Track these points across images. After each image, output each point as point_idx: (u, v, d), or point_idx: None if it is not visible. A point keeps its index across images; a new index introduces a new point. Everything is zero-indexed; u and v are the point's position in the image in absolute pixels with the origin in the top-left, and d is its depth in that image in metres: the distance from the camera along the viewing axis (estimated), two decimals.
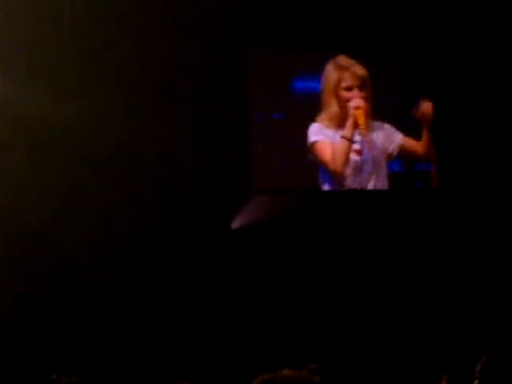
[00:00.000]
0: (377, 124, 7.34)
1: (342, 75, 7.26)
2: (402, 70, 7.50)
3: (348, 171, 7.23)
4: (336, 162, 7.18)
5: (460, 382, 4.11)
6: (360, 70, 7.26)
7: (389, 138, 7.35)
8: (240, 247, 7.07)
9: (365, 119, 7.17)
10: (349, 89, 7.23)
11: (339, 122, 7.21)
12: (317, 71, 7.32)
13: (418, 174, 7.50)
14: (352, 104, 7.18)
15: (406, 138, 7.37)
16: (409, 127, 7.40)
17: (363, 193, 7.30)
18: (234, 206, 7.09)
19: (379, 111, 7.34)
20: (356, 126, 7.15)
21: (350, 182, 7.26)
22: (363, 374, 6.65)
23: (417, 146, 7.37)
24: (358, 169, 7.27)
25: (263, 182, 7.29)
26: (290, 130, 7.30)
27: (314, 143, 7.21)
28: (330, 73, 7.28)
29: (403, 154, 7.38)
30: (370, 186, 7.31)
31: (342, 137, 7.16)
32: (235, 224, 7.09)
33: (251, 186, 7.22)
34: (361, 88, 7.23)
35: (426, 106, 7.36)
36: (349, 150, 7.19)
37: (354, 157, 7.25)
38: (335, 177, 7.22)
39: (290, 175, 7.33)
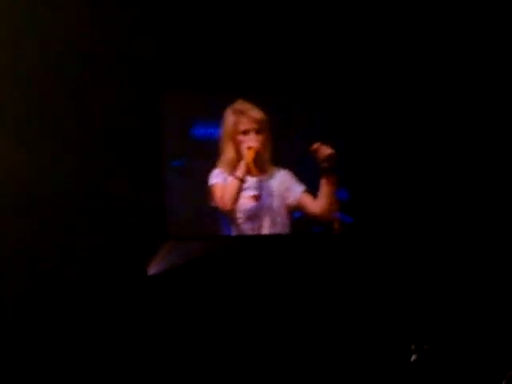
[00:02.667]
0: (279, 172, 7.41)
1: (238, 119, 7.34)
2: (303, 116, 7.57)
3: (244, 217, 7.29)
4: (224, 199, 7.23)
5: None
6: (257, 114, 7.35)
7: (290, 188, 7.41)
8: (155, 292, 7.07)
9: (255, 160, 7.25)
10: (245, 132, 7.32)
11: (236, 167, 7.28)
12: (218, 117, 7.36)
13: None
14: (245, 145, 7.29)
15: (305, 195, 7.41)
16: (310, 175, 7.44)
17: (268, 238, 7.33)
18: (149, 252, 7.09)
19: (281, 158, 7.42)
20: (248, 166, 7.24)
21: (247, 228, 7.31)
22: None
23: (313, 205, 7.40)
24: (255, 215, 7.33)
25: (175, 228, 7.27)
26: (192, 176, 7.30)
27: (211, 186, 7.26)
28: (228, 118, 7.35)
29: (300, 210, 7.43)
30: (266, 232, 7.35)
31: (235, 177, 7.23)
32: (151, 270, 7.10)
33: (165, 233, 7.19)
34: (257, 132, 7.33)
35: (323, 149, 7.40)
36: (238, 189, 7.24)
37: (250, 203, 7.31)
38: (227, 218, 7.25)
39: (195, 221, 7.29)
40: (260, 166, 7.35)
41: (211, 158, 7.32)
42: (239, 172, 7.26)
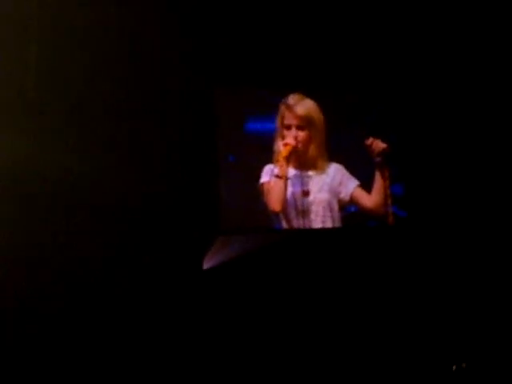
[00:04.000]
0: (332, 167, 7.42)
1: (284, 114, 7.35)
2: (357, 110, 7.56)
3: (294, 212, 7.32)
4: (271, 201, 7.23)
5: None
6: (301, 110, 7.33)
7: (343, 183, 7.40)
8: (210, 285, 7.17)
9: (289, 157, 7.21)
10: (288, 128, 7.32)
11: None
12: (272, 111, 7.38)
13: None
14: (283, 141, 7.29)
15: (359, 190, 7.39)
16: (364, 170, 7.43)
17: (320, 232, 7.34)
18: (202, 247, 7.19)
19: (335, 153, 7.41)
20: (281, 163, 7.21)
21: (298, 223, 7.32)
22: None
23: (367, 200, 7.38)
24: (306, 210, 7.35)
25: (228, 223, 7.34)
26: (246, 171, 7.35)
27: (261, 185, 7.30)
28: (279, 112, 7.36)
29: (354, 204, 7.42)
30: (319, 226, 7.34)
31: (275, 175, 7.23)
32: (206, 264, 7.18)
33: (218, 227, 7.28)
34: (300, 128, 7.31)
35: (376, 143, 7.39)
36: (283, 188, 7.22)
37: (300, 198, 7.34)
38: (278, 217, 7.26)
39: (248, 216, 7.34)
40: (303, 162, 7.35)
41: (265, 153, 7.34)
42: (278, 170, 7.24)
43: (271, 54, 7.39)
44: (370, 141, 7.38)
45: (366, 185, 7.44)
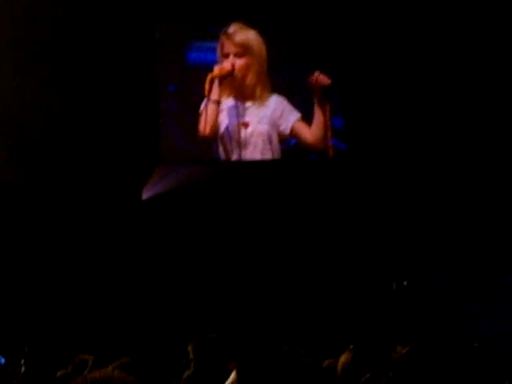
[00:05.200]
0: (273, 99, 7.37)
1: (224, 43, 7.27)
2: (301, 44, 7.52)
3: (233, 143, 7.28)
4: (203, 125, 7.19)
5: None
6: (239, 37, 7.26)
7: (284, 115, 7.36)
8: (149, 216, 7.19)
9: (220, 79, 7.15)
10: (226, 56, 7.25)
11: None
12: (213, 42, 7.30)
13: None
14: (216, 67, 7.23)
15: (300, 123, 7.36)
16: (306, 103, 7.39)
17: (259, 163, 7.37)
18: (142, 177, 7.19)
19: (277, 85, 7.38)
20: (220, 86, 7.14)
21: (237, 154, 7.29)
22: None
23: (307, 132, 7.35)
24: (245, 142, 7.30)
25: (168, 154, 7.35)
26: (187, 102, 7.34)
27: (200, 114, 7.25)
28: (219, 42, 7.29)
29: (294, 138, 7.41)
30: (257, 158, 7.35)
31: (208, 99, 7.16)
32: (145, 194, 7.18)
33: (158, 157, 7.28)
34: (238, 55, 7.25)
35: (322, 78, 7.33)
36: (214, 111, 7.17)
37: (240, 129, 7.26)
38: (218, 144, 7.24)
39: (188, 147, 7.35)
40: (241, 92, 7.30)
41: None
42: (212, 95, 7.16)
43: None
44: (315, 75, 7.34)
45: (307, 118, 7.42)
